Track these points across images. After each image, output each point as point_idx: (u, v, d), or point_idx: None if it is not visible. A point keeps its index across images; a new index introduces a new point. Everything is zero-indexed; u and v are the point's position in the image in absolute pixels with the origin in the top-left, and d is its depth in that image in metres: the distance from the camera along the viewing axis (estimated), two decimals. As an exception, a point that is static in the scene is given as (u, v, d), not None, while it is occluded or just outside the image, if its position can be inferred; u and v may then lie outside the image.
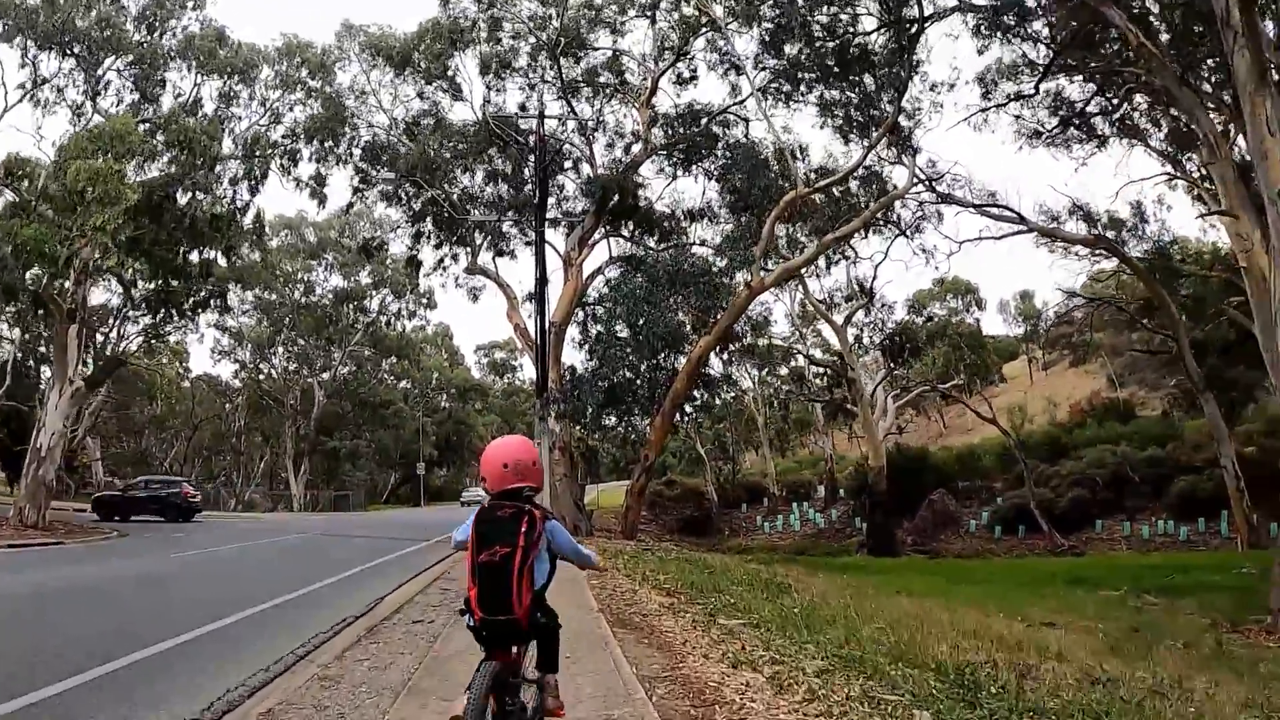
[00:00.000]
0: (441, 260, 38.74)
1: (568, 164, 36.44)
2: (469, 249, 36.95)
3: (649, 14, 34.23)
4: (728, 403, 45.70)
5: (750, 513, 59.65)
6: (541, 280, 27.54)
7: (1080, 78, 30.35)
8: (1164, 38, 24.79)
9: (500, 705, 4.17)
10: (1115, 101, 30.57)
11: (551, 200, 33.31)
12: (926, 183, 32.68)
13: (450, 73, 35.17)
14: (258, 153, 32.15)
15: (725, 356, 35.63)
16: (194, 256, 32.51)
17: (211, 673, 7.65)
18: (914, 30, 28.73)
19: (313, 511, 62.73)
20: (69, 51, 29.92)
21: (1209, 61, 25.13)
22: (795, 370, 57.98)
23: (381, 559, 20.46)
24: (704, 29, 33.45)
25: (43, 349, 45.59)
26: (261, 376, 73.65)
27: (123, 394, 63.64)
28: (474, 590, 4.13)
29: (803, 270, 36.76)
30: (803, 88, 31.31)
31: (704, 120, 33.15)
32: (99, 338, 56.91)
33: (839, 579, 21.93)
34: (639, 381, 29.22)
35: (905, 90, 29.44)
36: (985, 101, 31.13)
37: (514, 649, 4.34)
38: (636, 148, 34.63)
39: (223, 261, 33.98)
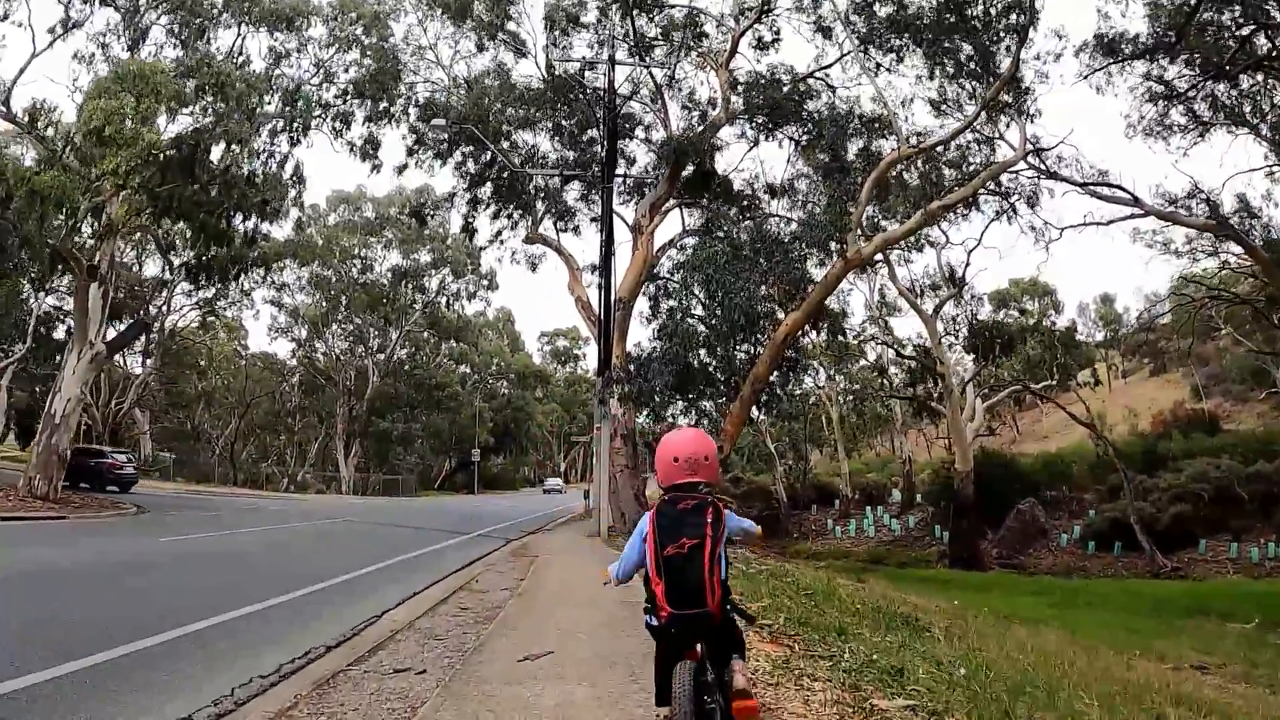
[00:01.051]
0: (499, 233, 36.15)
1: (638, 130, 33.75)
2: (529, 216, 34.40)
3: (730, -33, 31.16)
4: (803, 395, 42.95)
5: (820, 515, 56.50)
6: (608, 243, 24.50)
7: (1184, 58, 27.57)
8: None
9: (699, 706, 3.88)
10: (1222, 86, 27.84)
11: (619, 172, 30.44)
12: (1035, 153, 29.44)
13: (512, 25, 32.42)
14: (299, 100, 29.45)
15: (817, 337, 32.64)
16: (238, 223, 30.45)
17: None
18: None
19: (362, 495, 60.73)
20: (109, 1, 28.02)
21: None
22: (876, 363, 54.02)
23: (402, 556, 17.71)
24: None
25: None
26: (318, 355, 71.89)
27: (173, 368, 62.29)
28: (660, 586, 3.96)
29: (901, 242, 33.45)
30: (903, 45, 27.93)
31: (788, 83, 29.89)
32: (151, 310, 55.91)
33: (940, 598, 20.43)
34: (714, 364, 26.09)
35: (1026, 36, 25.97)
36: (1097, 70, 28.06)
37: (699, 645, 4.00)
38: (714, 111, 31.47)
39: (266, 228, 31.53)
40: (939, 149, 30.38)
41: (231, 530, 22.16)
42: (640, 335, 30.32)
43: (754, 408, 28.61)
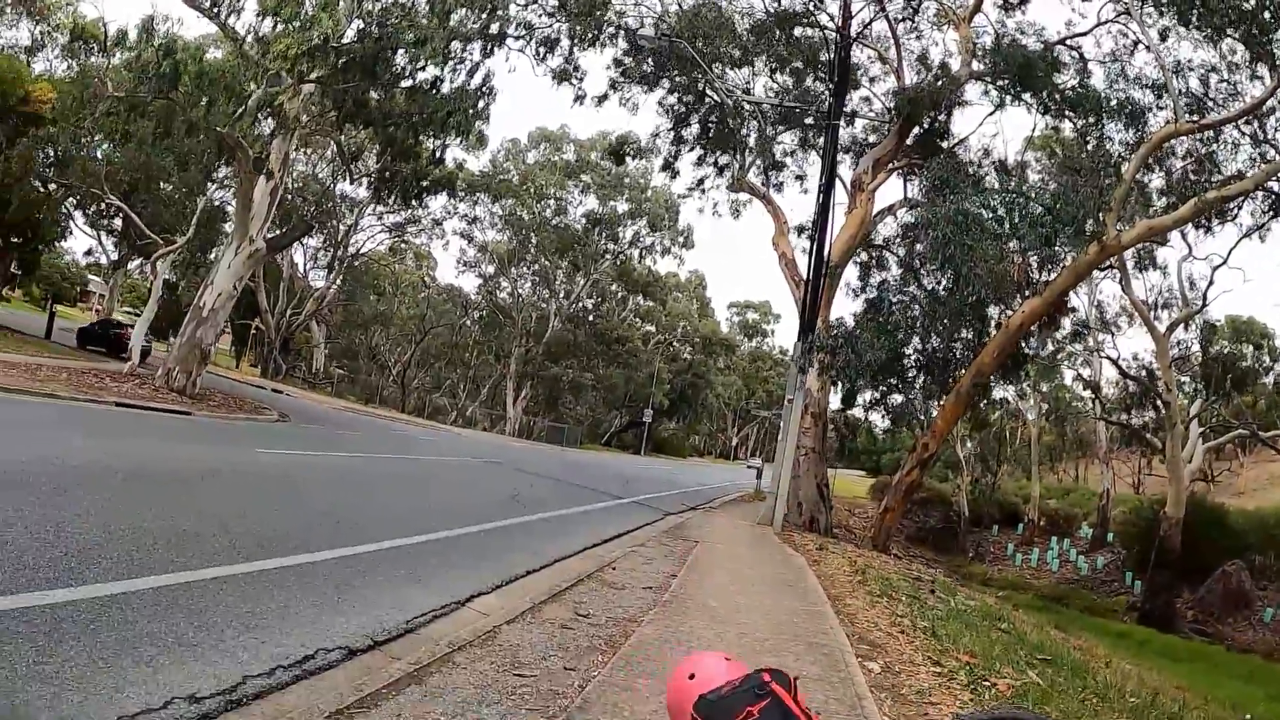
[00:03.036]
0: (701, 181, 33.72)
1: (863, 81, 30.39)
2: (736, 162, 31.54)
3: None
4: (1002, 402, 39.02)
5: (1001, 537, 51.92)
6: (828, 187, 21.05)
7: None
8: None
9: None
10: None
11: (847, 110, 27.30)
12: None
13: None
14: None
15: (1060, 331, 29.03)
16: (426, 141, 29.46)
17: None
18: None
19: (526, 439, 59.37)
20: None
21: None
22: (1089, 381, 48.58)
23: (537, 515, 14.97)
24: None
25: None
26: (502, 293, 70.97)
27: (354, 287, 62.64)
28: None
29: (1170, 231, 29.10)
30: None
31: (1038, 48, 26.00)
32: (341, 229, 56.03)
33: (1138, 661, 18.22)
34: (931, 347, 22.62)
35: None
36: None
37: None
38: (955, 65, 27.80)
39: (461, 155, 29.99)
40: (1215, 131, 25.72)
41: (359, 454, 20.48)
42: (842, 309, 27.52)
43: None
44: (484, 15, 26.50)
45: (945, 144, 27.81)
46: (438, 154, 31.01)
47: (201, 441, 17.13)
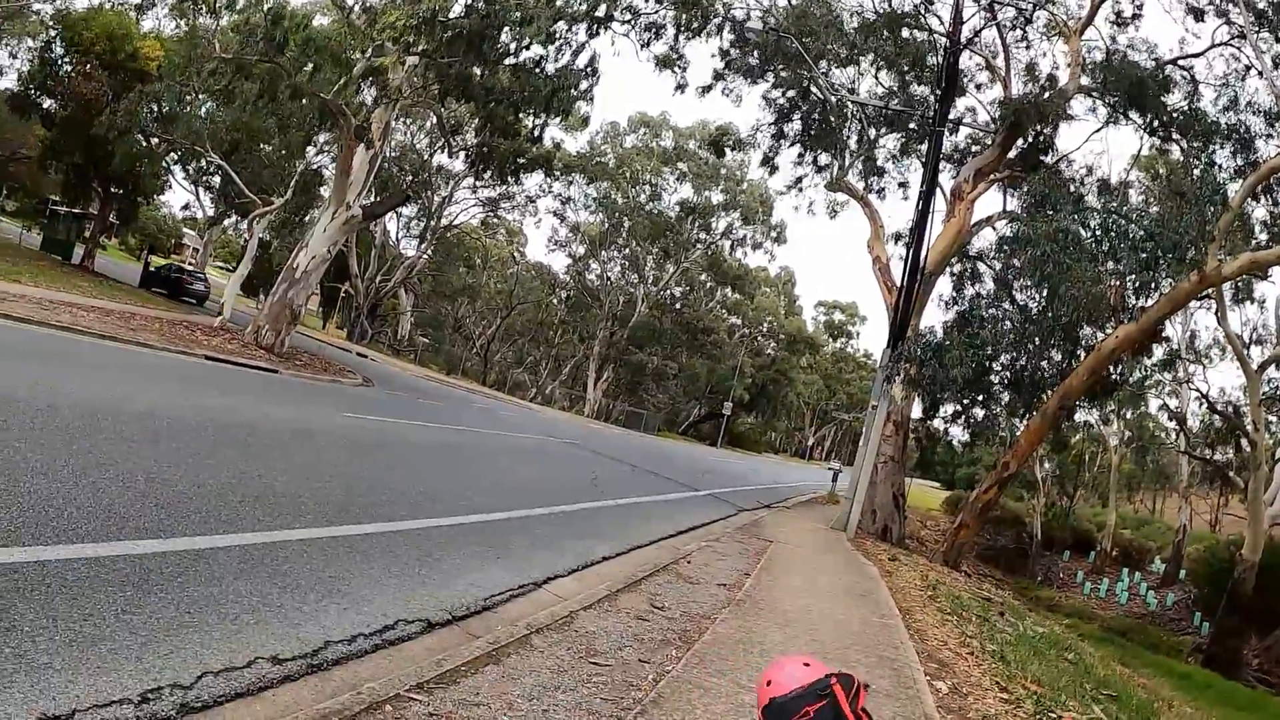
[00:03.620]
0: (800, 179, 33.35)
1: (970, 87, 29.96)
2: (836, 161, 31.07)
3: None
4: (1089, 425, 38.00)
5: (1072, 563, 50.54)
6: (928, 193, 20.60)
7: None
8: None
9: None
10: None
11: (952, 116, 26.68)
12: None
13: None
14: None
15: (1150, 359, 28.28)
16: (525, 119, 29.47)
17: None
18: None
19: (603, 421, 59.48)
20: None
21: None
22: (1176, 413, 46.96)
23: (614, 500, 14.92)
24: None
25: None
26: (590, 274, 71.11)
27: (443, 258, 63.20)
28: None
29: (1274, 266, 27.90)
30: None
31: (1149, 66, 25.29)
32: (435, 200, 56.58)
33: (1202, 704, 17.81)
34: (1020, 365, 22.10)
35: None
36: None
37: None
38: (1062, 79, 27.16)
39: (560, 136, 30.07)
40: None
41: (441, 424, 20.56)
42: (932, 319, 27.05)
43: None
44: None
45: (1048, 158, 27.13)
46: (537, 132, 31.06)
47: (287, 401, 17.30)
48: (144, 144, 36.84)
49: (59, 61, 34.85)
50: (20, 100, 36.67)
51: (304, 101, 29.19)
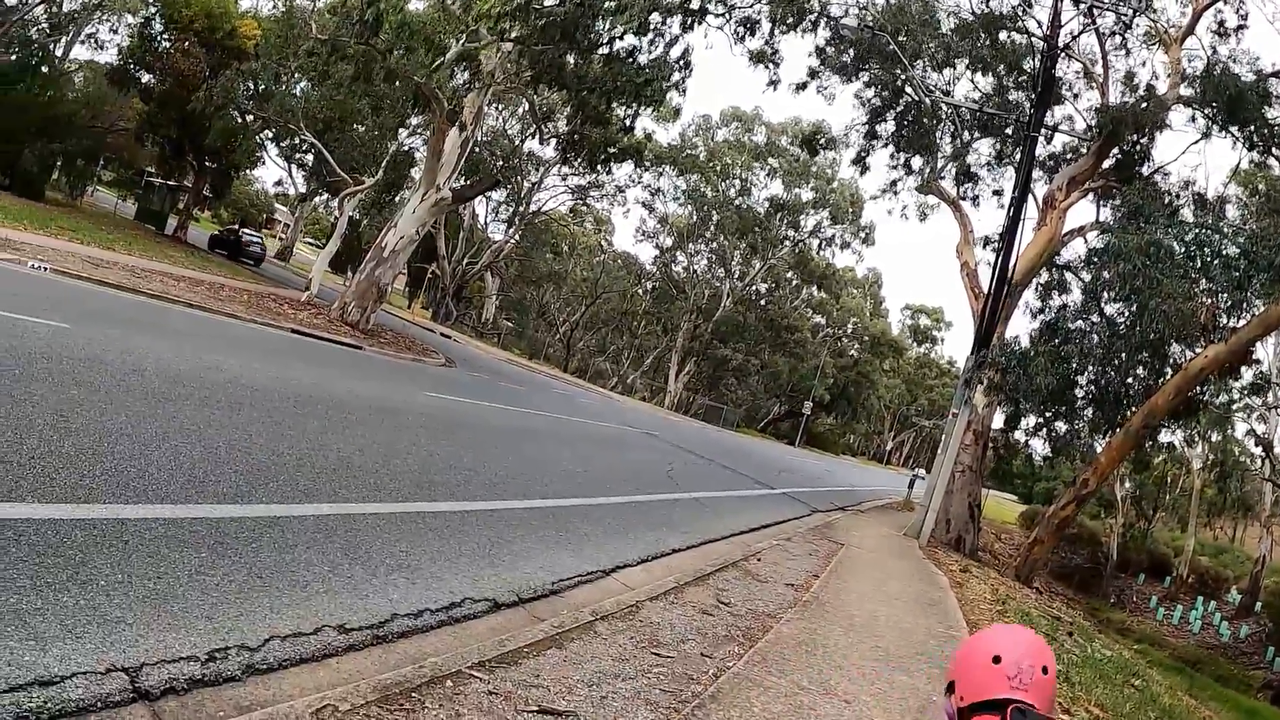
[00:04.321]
0: (894, 183, 33.09)
1: (1067, 95, 29.16)
2: (929, 164, 30.76)
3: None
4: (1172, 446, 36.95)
5: (1146, 587, 49.02)
6: (1020, 199, 20.22)
7: None
8: None
9: None
10: None
11: (1048, 122, 26.11)
12: None
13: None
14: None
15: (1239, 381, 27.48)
16: (617, 109, 29.32)
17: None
18: None
19: (682, 414, 59.44)
20: None
21: None
22: (1263, 439, 45.33)
23: (691, 493, 14.84)
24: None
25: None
26: (676, 266, 71.05)
27: (530, 244, 63.59)
28: None
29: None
30: None
31: (1252, 79, 24.39)
32: (524, 186, 57.00)
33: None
34: (1105, 380, 21.53)
35: None
36: None
37: None
38: (1162, 88, 26.39)
39: (651, 126, 30.02)
40: None
41: (521, 408, 20.64)
42: (1018, 328, 26.75)
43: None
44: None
45: (1143, 169, 26.41)
46: (628, 122, 30.99)
47: (370, 377, 17.52)
48: (239, 120, 37.69)
49: (158, 38, 35.91)
50: (119, 74, 37.70)
51: (397, 84, 29.64)
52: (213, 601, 4.45)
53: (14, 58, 32.71)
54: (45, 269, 16.79)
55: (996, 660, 2.44)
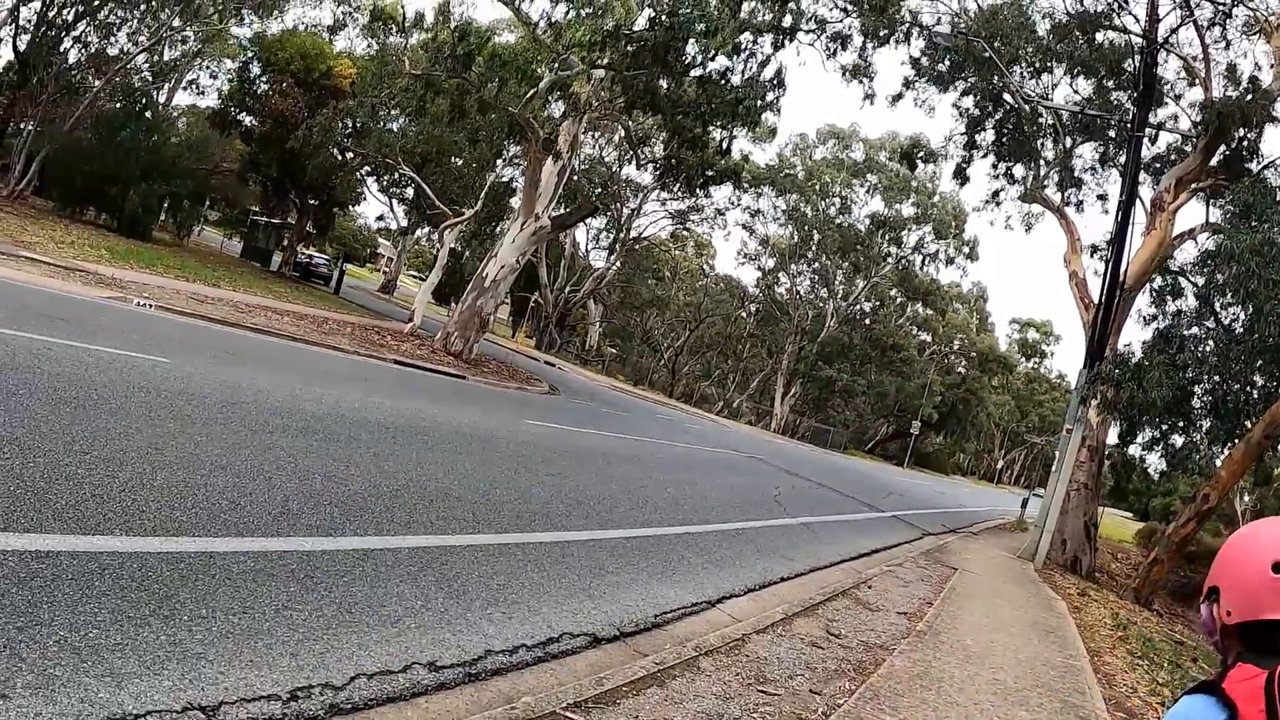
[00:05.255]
0: (996, 193, 32.04)
1: (1169, 94, 28.25)
2: (1031, 172, 29.88)
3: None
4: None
5: (1269, 613, 46.70)
6: (1128, 203, 19.60)
7: None
8: None
9: None
10: None
11: (1153, 121, 25.27)
12: None
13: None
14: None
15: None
16: (713, 132, 29.14)
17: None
18: None
19: (789, 437, 58.76)
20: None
21: None
22: None
23: (801, 518, 14.43)
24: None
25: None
26: (779, 288, 70.56)
27: (632, 270, 63.77)
28: None
29: None
30: None
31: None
32: (624, 212, 57.23)
33: None
34: (1224, 389, 20.49)
35: None
36: None
37: None
38: (1266, 79, 25.22)
39: (748, 148, 29.86)
40: None
41: (625, 435, 20.49)
42: (1130, 337, 25.66)
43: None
44: (775, 7, 26.14)
45: (1252, 165, 25.27)
46: (724, 144, 30.79)
47: (472, 406, 17.51)
48: (338, 157, 38.51)
49: (256, 81, 37.19)
50: (221, 117, 39.11)
51: (492, 115, 29.95)
52: (299, 637, 4.33)
53: (119, 106, 33.89)
54: (150, 306, 17.10)
55: (1278, 569, 1.90)
